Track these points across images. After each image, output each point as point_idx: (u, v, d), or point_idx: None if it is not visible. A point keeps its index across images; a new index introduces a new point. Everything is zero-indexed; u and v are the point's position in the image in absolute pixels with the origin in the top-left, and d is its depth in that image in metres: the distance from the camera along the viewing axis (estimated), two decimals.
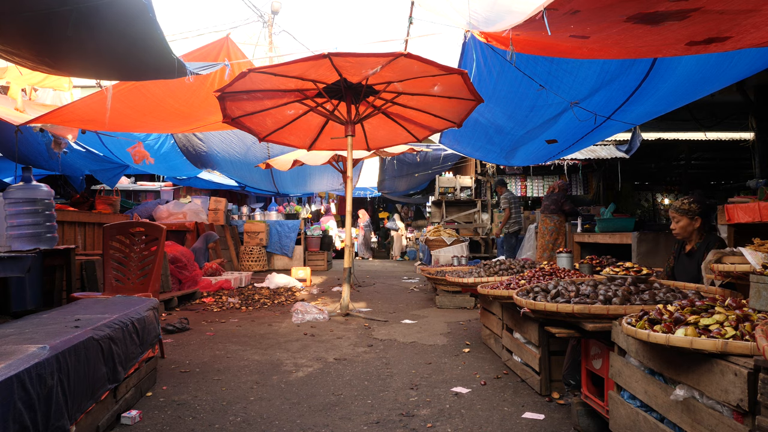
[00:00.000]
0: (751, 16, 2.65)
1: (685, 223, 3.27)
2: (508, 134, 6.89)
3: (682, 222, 3.28)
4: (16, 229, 4.21)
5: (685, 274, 3.30)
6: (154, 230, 4.88)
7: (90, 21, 3.02)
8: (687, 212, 3.25)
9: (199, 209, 9.76)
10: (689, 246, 3.35)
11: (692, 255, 3.30)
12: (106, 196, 8.37)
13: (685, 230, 3.29)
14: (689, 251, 3.34)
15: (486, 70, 5.15)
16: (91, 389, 2.32)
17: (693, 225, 3.27)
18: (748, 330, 1.69)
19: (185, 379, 3.49)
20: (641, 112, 5.79)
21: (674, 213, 3.31)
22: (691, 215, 3.25)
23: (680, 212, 3.28)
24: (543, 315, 2.59)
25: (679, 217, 3.29)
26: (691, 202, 3.27)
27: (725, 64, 4.29)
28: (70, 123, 5.91)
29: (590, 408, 2.59)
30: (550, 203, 7.66)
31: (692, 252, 3.31)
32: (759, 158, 7.27)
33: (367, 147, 7.71)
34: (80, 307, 3.17)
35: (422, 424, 2.69)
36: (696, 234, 3.29)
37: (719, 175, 14.67)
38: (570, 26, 2.97)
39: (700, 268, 3.13)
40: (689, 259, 3.33)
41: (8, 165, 8.35)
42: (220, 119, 6.07)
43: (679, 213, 3.29)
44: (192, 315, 5.91)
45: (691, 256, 3.32)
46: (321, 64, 5.08)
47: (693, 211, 3.24)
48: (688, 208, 3.25)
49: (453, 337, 4.78)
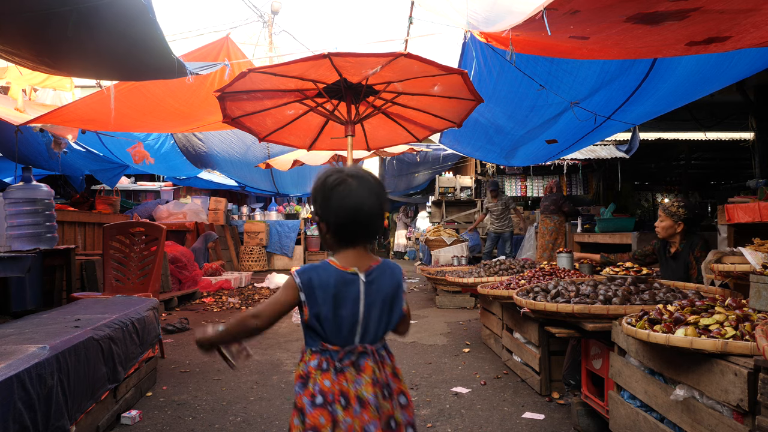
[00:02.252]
0: (751, 16, 2.65)
1: (668, 225, 3.27)
2: (508, 134, 6.89)
3: (665, 222, 3.28)
4: (16, 229, 4.21)
5: (673, 276, 3.30)
6: (154, 230, 4.88)
7: (90, 21, 3.01)
8: (672, 215, 3.25)
9: (199, 209, 9.77)
10: (673, 248, 3.34)
11: (677, 257, 3.31)
12: (106, 196, 8.38)
13: (665, 231, 3.29)
14: (674, 253, 3.34)
15: (486, 70, 5.15)
16: (91, 389, 2.32)
17: (675, 228, 3.26)
18: (748, 330, 1.69)
19: (185, 379, 3.49)
20: (641, 112, 5.79)
21: (661, 212, 3.32)
22: (676, 218, 3.24)
23: (666, 213, 3.27)
24: (543, 315, 2.59)
25: (664, 216, 3.28)
26: (680, 206, 3.25)
27: (725, 64, 4.29)
28: (70, 123, 5.90)
29: (590, 408, 2.59)
30: (549, 203, 7.66)
31: (677, 254, 3.31)
32: (759, 158, 7.27)
33: (367, 147, 7.70)
34: (80, 307, 3.17)
35: (422, 424, 2.69)
36: (678, 237, 3.28)
37: (719, 175, 14.66)
38: (570, 26, 2.97)
39: (687, 269, 3.14)
40: (675, 262, 3.33)
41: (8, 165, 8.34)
42: (220, 119, 6.06)
43: (665, 213, 3.28)
44: (192, 315, 5.91)
45: (676, 258, 3.32)
46: (321, 64, 5.08)
47: (678, 215, 3.23)
48: (675, 211, 3.24)
49: (453, 337, 4.78)
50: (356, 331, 1.41)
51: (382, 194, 1.49)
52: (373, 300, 1.43)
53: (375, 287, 1.43)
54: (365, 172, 1.49)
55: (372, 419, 1.36)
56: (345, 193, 1.42)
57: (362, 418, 1.36)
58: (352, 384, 1.38)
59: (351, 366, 1.39)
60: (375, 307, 1.43)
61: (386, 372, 1.44)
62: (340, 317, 1.39)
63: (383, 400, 1.40)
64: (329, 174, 1.46)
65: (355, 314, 1.40)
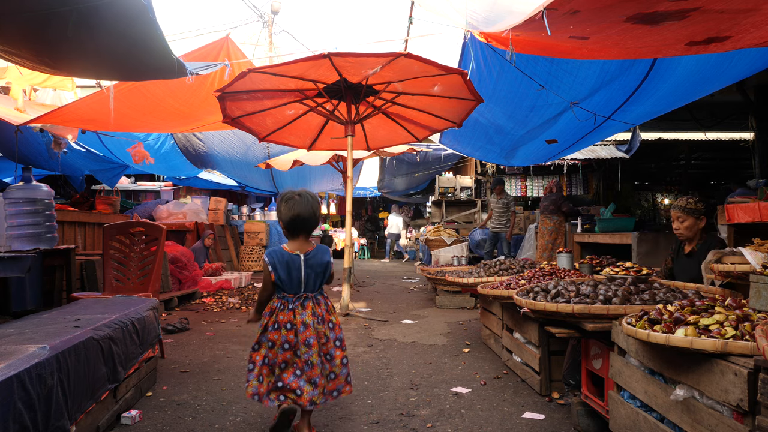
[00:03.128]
0: (751, 16, 2.65)
1: (691, 223, 3.22)
2: (508, 134, 6.89)
3: (687, 222, 3.22)
4: (16, 229, 4.21)
5: (685, 275, 3.27)
6: (154, 230, 4.88)
7: (90, 21, 3.01)
8: (693, 211, 3.19)
9: (199, 209, 9.77)
10: (689, 247, 3.31)
11: (692, 256, 3.26)
12: (106, 196, 8.38)
13: (690, 230, 3.23)
14: (689, 252, 3.30)
15: (486, 70, 5.15)
16: (91, 389, 2.32)
17: (698, 225, 3.21)
18: (748, 330, 1.69)
19: (185, 379, 3.49)
20: (641, 112, 5.79)
21: (679, 213, 3.24)
22: (697, 214, 3.20)
23: (686, 212, 3.21)
24: (543, 315, 2.59)
25: (685, 216, 3.22)
26: (697, 201, 3.22)
27: (725, 64, 4.29)
28: (70, 123, 5.91)
29: (590, 408, 2.59)
30: (549, 204, 7.66)
31: (692, 253, 3.27)
32: (759, 158, 7.27)
33: (367, 147, 7.71)
34: (80, 307, 3.17)
35: (422, 424, 2.69)
36: (699, 235, 3.25)
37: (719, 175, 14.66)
38: (570, 27, 2.97)
39: (701, 269, 3.11)
40: (689, 260, 3.29)
41: (8, 165, 8.34)
42: (220, 119, 6.07)
43: (685, 213, 3.21)
44: (192, 315, 5.91)
45: (691, 257, 3.28)
46: (321, 64, 5.08)
47: (699, 211, 3.19)
48: (694, 207, 3.19)
49: (453, 337, 4.78)
50: (301, 285, 2.51)
51: (315, 206, 2.58)
52: (311, 268, 2.52)
53: (311, 262, 2.52)
54: (306, 192, 2.56)
55: (312, 335, 2.43)
56: (291, 204, 2.51)
57: (305, 334, 2.42)
58: (299, 315, 2.45)
59: (299, 305, 2.48)
60: (312, 272, 2.52)
61: (321, 308, 2.54)
62: (291, 277, 2.49)
63: (318, 324, 2.48)
64: (286, 193, 2.56)
65: (299, 276, 2.50)
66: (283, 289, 2.48)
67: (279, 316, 2.43)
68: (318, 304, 2.52)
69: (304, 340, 2.39)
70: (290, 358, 2.40)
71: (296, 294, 2.48)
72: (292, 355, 2.40)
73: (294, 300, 2.46)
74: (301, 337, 2.40)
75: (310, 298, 2.50)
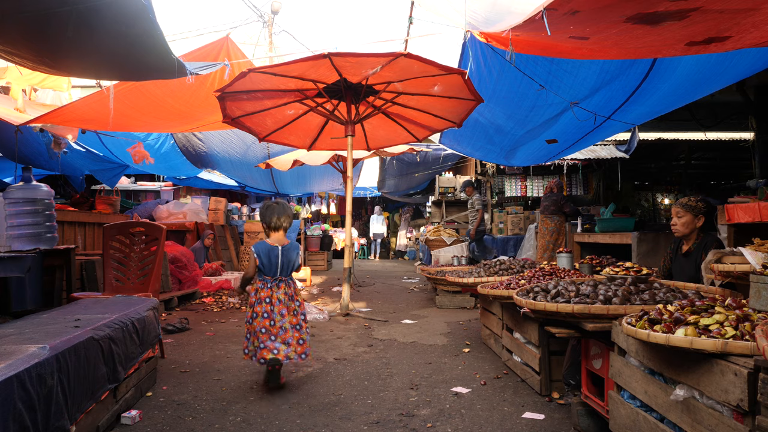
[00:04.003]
0: (751, 15, 2.65)
1: (688, 220, 3.24)
2: (508, 134, 6.89)
3: (685, 218, 3.25)
4: (16, 229, 4.20)
5: (683, 275, 3.28)
6: (154, 230, 4.88)
7: (90, 21, 3.01)
8: (692, 209, 3.23)
9: (199, 209, 9.76)
10: (686, 246, 3.33)
11: (689, 255, 3.28)
12: (106, 196, 8.37)
13: (686, 227, 3.26)
14: (686, 252, 3.32)
15: (486, 70, 5.15)
16: (91, 389, 2.32)
17: (696, 223, 3.24)
18: (748, 330, 1.69)
19: (185, 379, 3.49)
20: (641, 112, 5.78)
21: (678, 208, 3.28)
22: (696, 212, 3.23)
23: (686, 208, 3.25)
24: (543, 315, 2.59)
25: (684, 212, 3.25)
26: (698, 200, 3.25)
27: (725, 64, 4.28)
28: (70, 123, 5.90)
29: (590, 408, 2.59)
30: (549, 204, 7.66)
31: (689, 252, 3.29)
32: (759, 158, 7.27)
33: (367, 147, 7.71)
34: (80, 307, 3.17)
35: (422, 424, 2.69)
36: (695, 233, 3.27)
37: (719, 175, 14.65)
38: (570, 27, 2.97)
39: (699, 268, 3.12)
40: (686, 260, 3.31)
41: (8, 165, 8.33)
42: (220, 119, 6.07)
43: (684, 209, 3.25)
44: (192, 315, 5.91)
45: (688, 256, 3.30)
46: (321, 64, 5.08)
47: (698, 209, 3.23)
48: (694, 205, 3.23)
49: (453, 337, 4.78)
50: (278, 270, 3.37)
51: (290, 210, 3.51)
52: (286, 258, 3.38)
53: (286, 253, 3.39)
54: (282, 201, 3.55)
55: (283, 308, 3.32)
56: (272, 209, 3.45)
57: (279, 307, 3.31)
58: (275, 293, 3.33)
59: (275, 285, 3.35)
60: (285, 260, 3.38)
61: (291, 289, 3.41)
62: (271, 264, 3.35)
63: (289, 300, 3.36)
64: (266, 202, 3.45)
65: (277, 264, 3.36)
66: (264, 272, 3.34)
67: (261, 293, 3.31)
68: (288, 285, 3.40)
69: (279, 311, 3.29)
70: (269, 325, 3.24)
71: (273, 277, 3.35)
72: (270, 322, 3.24)
73: (271, 281, 3.34)
74: (276, 308, 3.29)
75: (283, 281, 3.38)
